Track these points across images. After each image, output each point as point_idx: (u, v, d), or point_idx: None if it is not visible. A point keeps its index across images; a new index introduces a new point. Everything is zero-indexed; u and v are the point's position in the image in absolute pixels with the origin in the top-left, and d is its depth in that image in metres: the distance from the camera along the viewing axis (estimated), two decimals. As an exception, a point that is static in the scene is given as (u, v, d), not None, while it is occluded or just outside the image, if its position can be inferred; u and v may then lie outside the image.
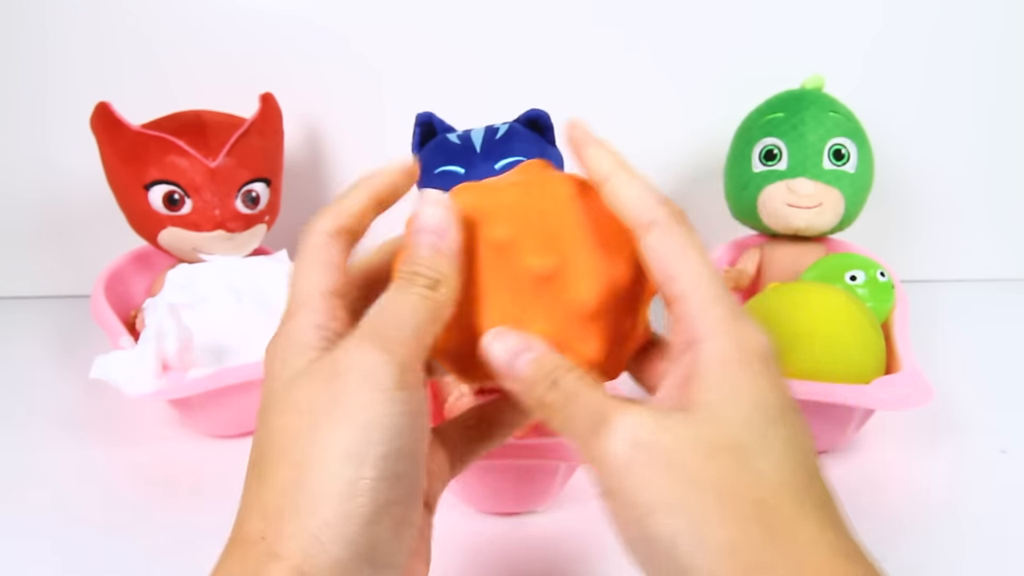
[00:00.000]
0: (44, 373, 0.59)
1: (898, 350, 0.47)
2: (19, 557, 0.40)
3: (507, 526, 0.42)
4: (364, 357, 0.20)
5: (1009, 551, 0.40)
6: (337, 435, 0.19)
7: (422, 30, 0.65)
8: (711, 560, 0.18)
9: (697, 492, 0.18)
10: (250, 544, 0.20)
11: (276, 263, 0.55)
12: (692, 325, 0.20)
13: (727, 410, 0.19)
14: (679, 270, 0.21)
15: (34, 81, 0.65)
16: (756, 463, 0.19)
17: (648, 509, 0.19)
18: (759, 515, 0.18)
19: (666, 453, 0.19)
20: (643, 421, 0.19)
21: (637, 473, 0.19)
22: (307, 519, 0.19)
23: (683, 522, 0.18)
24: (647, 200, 0.22)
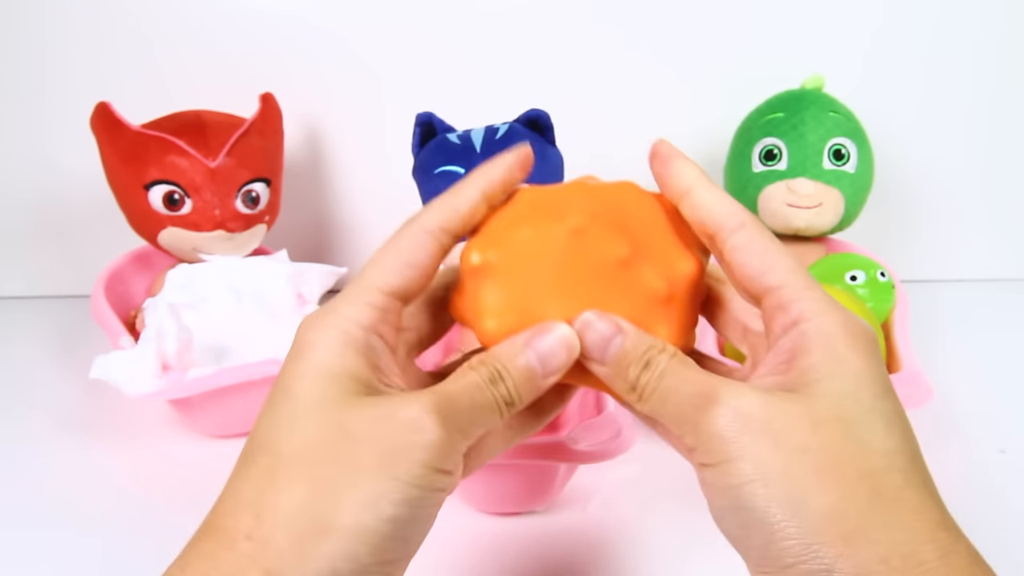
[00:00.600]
0: (44, 373, 0.59)
1: (898, 350, 0.47)
2: (19, 557, 0.40)
3: (507, 526, 0.42)
4: (428, 427, 0.20)
5: (1009, 551, 0.40)
6: (370, 480, 0.19)
7: (422, 30, 0.65)
8: (808, 526, 0.18)
9: (799, 462, 0.19)
10: (229, 539, 0.19)
11: (276, 263, 0.55)
12: (793, 308, 0.21)
13: (833, 384, 0.20)
14: (773, 263, 0.21)
15: (34, 81, 0.65)
16: (862, 434, 0.19)
17: (747, 479, 0.19)
18: (865, 483, 0.19)
19: (772, 426, 0.19)
20: (750, 396, 0.20)
21: (741, 445, 0.19)
22: (307, 542, 0.19)
23: (779, 490, 0.19)
24: (733, 205, 0.22)
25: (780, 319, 0.21)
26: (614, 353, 0.22)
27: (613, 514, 0.43)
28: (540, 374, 0.22)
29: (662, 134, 0.77)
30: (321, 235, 0.73)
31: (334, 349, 0.21)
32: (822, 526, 0.18)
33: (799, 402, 0.20)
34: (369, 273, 0.22)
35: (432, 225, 0.23)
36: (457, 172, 0.45)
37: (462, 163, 0.45)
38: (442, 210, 0.23)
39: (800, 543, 0.18)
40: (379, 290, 0.22)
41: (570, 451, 0.37)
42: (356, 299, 0.22)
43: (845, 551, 0.18)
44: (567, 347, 0.22)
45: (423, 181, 0.48)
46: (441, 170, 0.45)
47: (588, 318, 0.22)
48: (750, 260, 0.22)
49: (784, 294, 0.21)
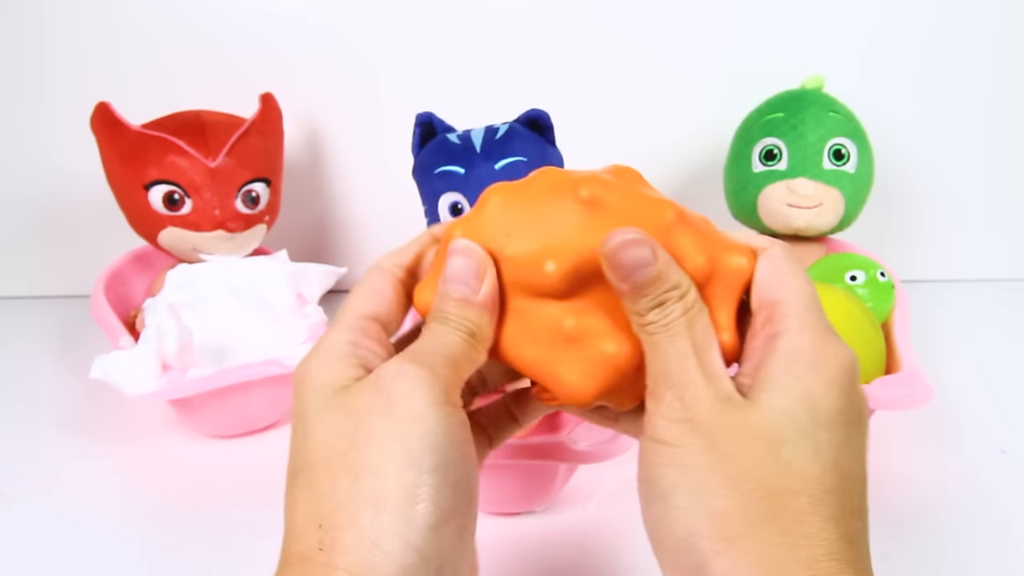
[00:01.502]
0: (44, 373, 0.59)
1: (898, 350, 0.47)
2: (19, 557, 0.40)
3: (507, 526, 0.42)
4: (413, 372, 0.21)
5: (1009, 551, 0.40)
6: (395, 441, 0.20)
7: (422, 30, 0.65)
8: (696, 519, 0.20)
9: (716, 466, 0.20)
10: (305, 559, 0.19)
11: (276, 263, 0.55)
12: (780, 323, 0.22)
13: (780, 399, 0.20)
14: (790, 279, 0.22)
15: (34, 81, 0.65)
16: (788, 455, 0.20)
17: (668, 462, 0.21)
18: (766, 500, 0.19)
19: (711, 430, 0.20)
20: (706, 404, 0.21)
21: (678, 436, 0.21)
22: (368, 527, 0.19)
23: (688, 482, 0.20)
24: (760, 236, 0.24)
25: (767, 329, 0.22)
26: (640, 279, 0.22)
27: (613, 514, 0.43)
28: (470, 292, 0.23)
29: (662, 134, 0.77)
30: (321, 235, 0.73)
31: (325, 365, 0.22)
32: (708, 523, 0.20)
33: (743, 412, 0.20)
34: (343, 309, 0.24)
35: (386, 264, 0.25)
36: (457, 172, 0.45)
37: (462, 163, 0.45)
38: (393, 254, 0.26)
39: (684, 531, 0.20)
40: (354, 316, 0.24)
41: (570, 451, 0.37)
42: (335, 328, 0.24)
43: (722, 551, 0.19)
44: (469, 254, 0.23)
45: (423, 181, 0.48)
46: (441, 170, 0.45)
47: (630, 238, 0.22)
48: (774, 273, 0.23)
49: (781, 309, 0.22)
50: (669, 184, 0.71)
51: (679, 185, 0.71)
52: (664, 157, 0.71)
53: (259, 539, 0.37)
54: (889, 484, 0.45)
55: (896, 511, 0.43)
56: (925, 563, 0.39)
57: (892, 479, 0.46)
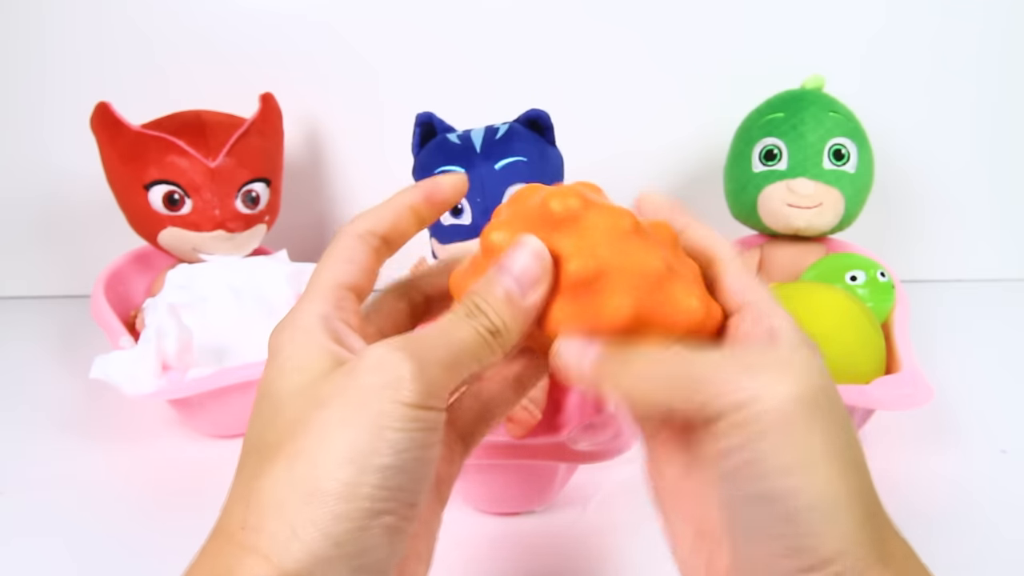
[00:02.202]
0: (44, 373, 0.59)
1: (898, 350, 0.47)
2: (18, 557, 0.40)
3: (507, 526, 0.42)
4: (393, 363, 0.20)
5: (1010, 551, 0.40)
6: (344, 436, 0.19)
7: (422, 30, 0.65)
8: (851, 531, 0.19)
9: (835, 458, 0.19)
10: (227, 534, 0.19)
11: (276, 263, 0.55)
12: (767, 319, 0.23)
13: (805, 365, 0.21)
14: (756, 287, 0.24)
15: (34, 81, 0.65)
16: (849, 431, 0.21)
17: (791, 465, 0.19)
18: (870, 488, 0.20)
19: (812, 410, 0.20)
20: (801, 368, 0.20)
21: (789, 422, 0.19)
22: (292, 515, 0.18)
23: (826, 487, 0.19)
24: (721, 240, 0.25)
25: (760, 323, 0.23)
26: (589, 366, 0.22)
27: (613, 514, 0.43)
28: (519, 294, 0.22)
29: (662, 134, 0.77)
30: (321, 235, 0.73)
31: (299, 341, 0.21)
32: (859, 532, 0.19)
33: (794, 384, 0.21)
34: (315, 276, 0.23)
35: (360, 229, 0.24)
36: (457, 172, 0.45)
37: (462, 163, 0.45)
38: (368, 217, 0.24)
39: (837, 547, 0.18)
40: (327, 286, 0.23)
41: (570, 451, 0.37)
42: (309, 296, 0.23)
43: (868, 558, 0.19)
44: (538, 258, 0.22)
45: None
46: (441, 170, 0.45)
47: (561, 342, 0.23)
48: (739, 281, 0.24)
49: (762, 307, 0.23)
50: (669, 184, 0.71)
51: (679, 185, 0.71)
52: (664, 157, 0.71)
53: (259, 539, 0.38)
54: (889, 484, 0.45)
55: (895, 511, 0.43)
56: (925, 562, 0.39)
57: (892, 479, 0.46)
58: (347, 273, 0.23)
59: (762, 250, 0.59)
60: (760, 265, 0.59)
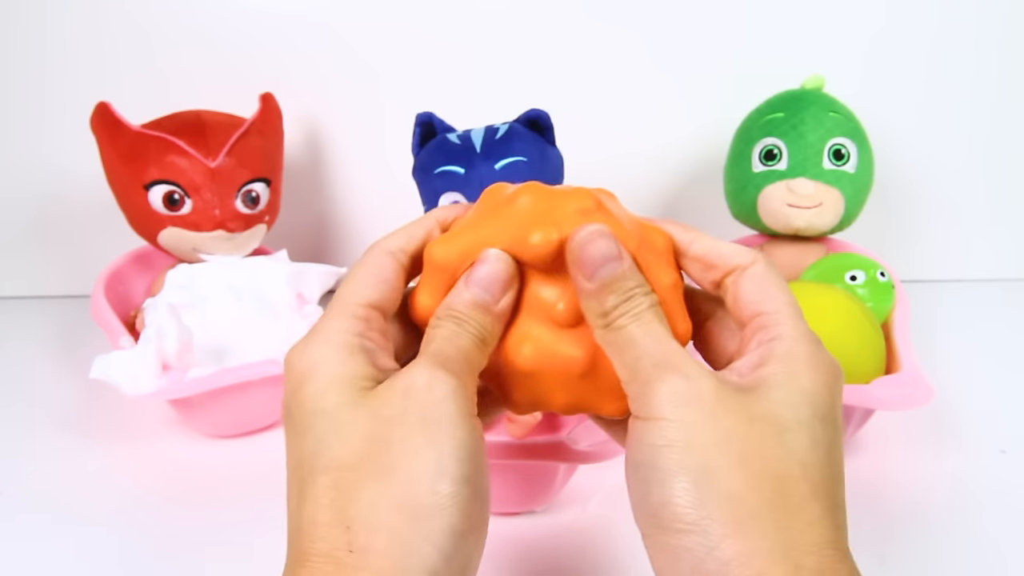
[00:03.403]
0: (44, 373, 0.59)
1: (898, 350, 0.47)
2: (18, 556, 0.40)
3: (507, 526, 0.42)
4: (445, 381, 0.21)
5: (1009, 551, 0.40)
6: (430, 451, 0.20)
7: (422, 30, 0.65)
8: (708, 500, 0.19)
9: (722, 444, 0.20)
10: (332, 559, 0.19)
11: (276, 263, 0.55)
12: (774, 330, 0.22)
13: (780, 392, 0.21)
14: (775, 293, 0.23)
15: (34, 81, 0.65)
16: (789, 441, 0.20)
17: (670, 441, 0.20)
18: (774, 483, 0.20)
19: (713, 408, 0.20)
20: (707, 379, 0.21)
21: (679, 412, 0.20)
22: (402, 532, 0.19)
23: (695, 460, 0.20)
24: (743, 248, 0.25)
25: (760, 336, 0.23)
26: (605, 275, 0.22)
27: (613, 514, 0.43)
28: (491, 301, 0.23)
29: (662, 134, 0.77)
30: (321, 235, 0.73)
31: (337, 359, 0.22)
32: (721, 505, 0.19)
33: (744, 396, 0.21)
34: (344, 292, 0.24)
35: (392, 247, 0.25)
36: (457, 172, 0.45)
37: (462, 163, 0.45)
38: (399, 235, 0.25)
39: (695, 513, 0.19)
40: (357, 304, 0.23)
41: (570, 451, 0.37)
42: (339, 314, 0.23)
43: (733, 534, 0.19)
44: (502, 263, 0.23)
45: (423, 181, 0.48)
46: (441, 170, 0.45)
47: (594, 231, 0.23)
48: (758, 288, 0.23)
49: (772, 318, 0.23)
50: (669, 184, 0.71)
51: (679, 185, 0.71)
52: (664, 157, 0.71)
53: (258, 538, 0.38)
54: (889, 484, 0.45)
55: (895, 511, 0.43)
56: (924, 563, 0.39)
57: (892, 479, 0.46)
58: (376, 292, 0.23)
59: (762, 250, 0.59)
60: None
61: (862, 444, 0.49)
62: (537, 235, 0.23)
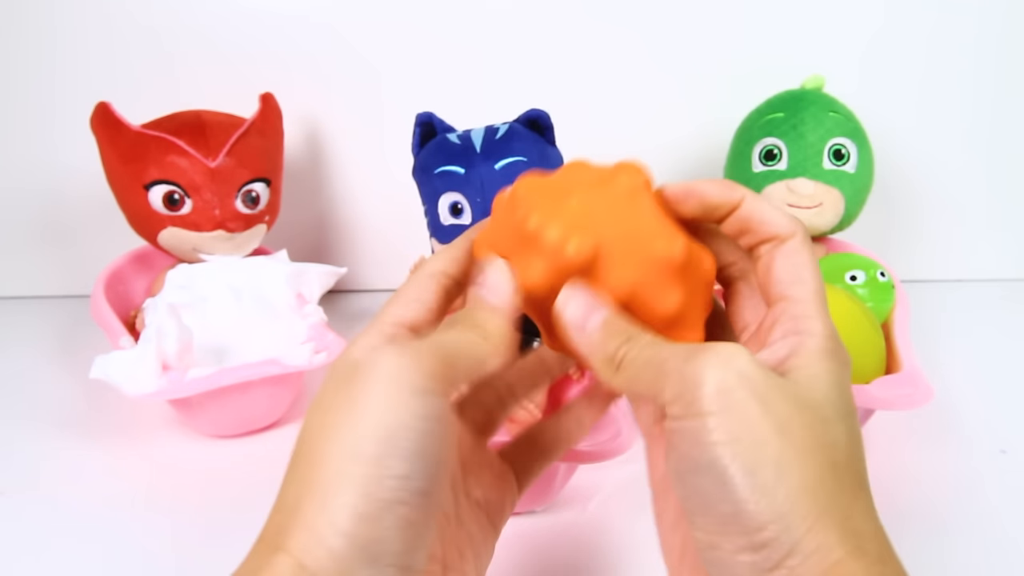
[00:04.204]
0: (44, 373, 0.59)
1: (898, 350, 0.47)
2: (18, 557, 0.40)
3: (507, 526, 0.42)
4: (390, 359, 0.21)
5: (1010, 551, 0.40)
6: (347, 433, 0.20)
7: (422, 30, 0.65)
8: (784, 497, 0.18)
9: (785, 434, 0.19)
10: (265, 540, 0.21)
11: (276, 263, 0.55)
12: (804, 321, 0.22)
13: (819, 384, 0.21)
14: (806, 276, 0.23)
15: (34, 82, 0.65)
16: (833, 431, 0.20)
17: (728, 437, 0.19)
18: (834, 472, 0.19)
19: (762, 391, 0.20)
20: (746, 357, 0.20)
21: (728, 400, 0.19)
22: (308, 514, 0.19)
23: (762, 456, 0.19)
24: (785, 216, 0.24)
25: (787, 325, 0.22)
26: (594, 324, 0.23)
27: (613, 514, 0.43)
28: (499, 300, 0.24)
29: (662, 134, 0.77)
30: (321, 235, 0.73)
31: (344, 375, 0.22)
32: (799, 499, 0.18)
33: (788, 383, 0.21)
34: (380, 312, 0.24)
35: (433, 269, 0.25)
36: (457, 172, 0.45)
37: (462, 163, 0.45)
38: (442, 257, 0.26)
39: (770, 510, 0.18)
40: (387, 322, 0.24)
41: (570, 451, 0.37)
42: (370, 331, 0.24)
43: (814, 527, 0.18)
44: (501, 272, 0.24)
45: (423, 181, 0.48)
46: (441, 170, 0.45)
47: (568, 293, 0.23)
48: (790, 267, 0.23)
49: (800, 308, 0.22)
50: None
51: (679, 185, 0.71)
52: (664, 157, 0.71)
53: (259, 539, 0.38)
54: (889, 484, 0.45)
55: (896, 511, 0.43)
56: (925, 563, 0.39)
57: (892, 479, 0.46)
58: (412, 312, 0.24)
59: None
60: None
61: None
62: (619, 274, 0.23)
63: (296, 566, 0.19)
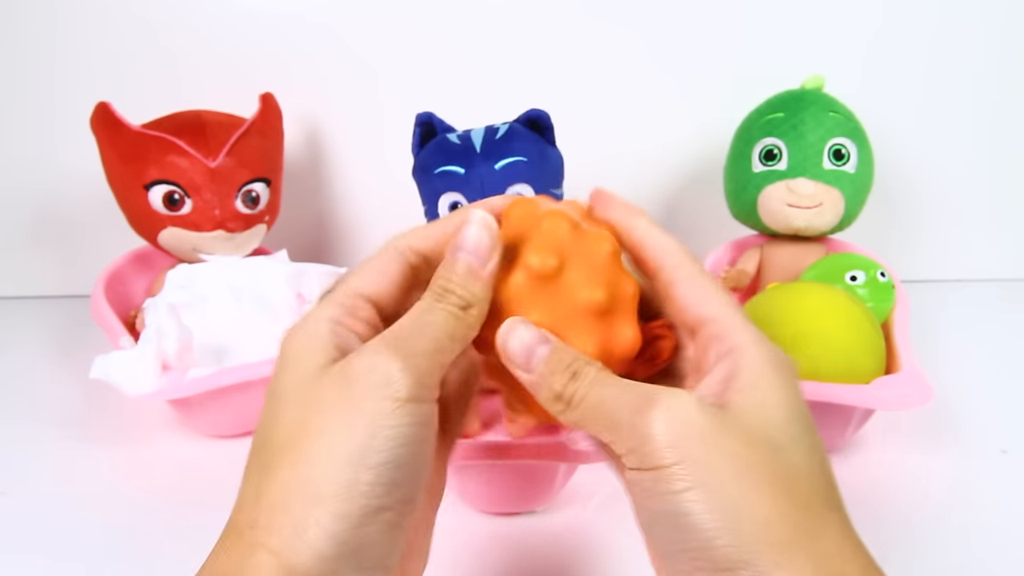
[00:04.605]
0: (44, 373, 0.59)
1: (898, 350, 0.47)
2: (18, 557, 0.40)
3: (507, 526, 0.42)
4: (381, 364, 0.21)
5: (1010, 551, 0.40)
6: (343, 437, 0.20)
7: (422, 30, 0.65)
8: (747, 534, 0.19)
9: (736, 472, 0.19)
10: (238, 532, 0.20)
11: (276, 263, 0.55)
12: (729, 338, 0.22)
13: (764, 408, 0.21)
14: (712, 296, 0.23)
15: (34, 82, 0.65)
16: (790, 456, 0.20)
17: (686, 485, 0.19)
18: (793, 499, 0.19)
19: (710, 434, 0.20)
20: (689, 403, 0.21)
21: (681, 451, 0.20)
22: (297, 514, 0.19)
23: (719, 498, 0.19)
24: (673, 244, 0.24)
25: (716, 348, 0.22)
26: (539, 359, 0.22)
27: (613, 514, 0.43)
28: (477, 264, 0.23)
29: (662, 134, 0.77)
30: (321, 235, 0.73)
31: (303, 343, 0.22)
32: (760, 535, 0.19)
33: (735, 417, 0.21)
34: (341, 282, 0.24)
35: (403, 244, 0.25)
36: (457, 172, 0.45)
37: (462, 163, 0.45)
38: (415, 234, 0.25)
39: (738, 550, 0.19)
40: (346, 292, 0.23)
41: (570, 451, 0.37)
42: (326, 302, 0.23)
43: (780, 560, 0.19)
44: (486, 227, 0.23)
45: (423, 181, 0.48)
46: (441, 170, 0.45)
47: (511, 324, 0.23)
48: (692, 291, 0.23)
49: (721, 326, 0.22)
50: (669, 184, 0.71)
51: (679, 185, 0.71)
52: (664, 157, 0.71)
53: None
54: (889, 484, 0.45)
55: (896, 511, 0.43)
56: (925, 563, 0.39)
57: (892, 479, 0.46)
58: (372, 284, 0.24)
59: (762, 250, 0.59)
60: (760, 265, 0.59)
61: (862, 444, 0.49)
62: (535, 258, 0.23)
63: (282, 567, 0.19)
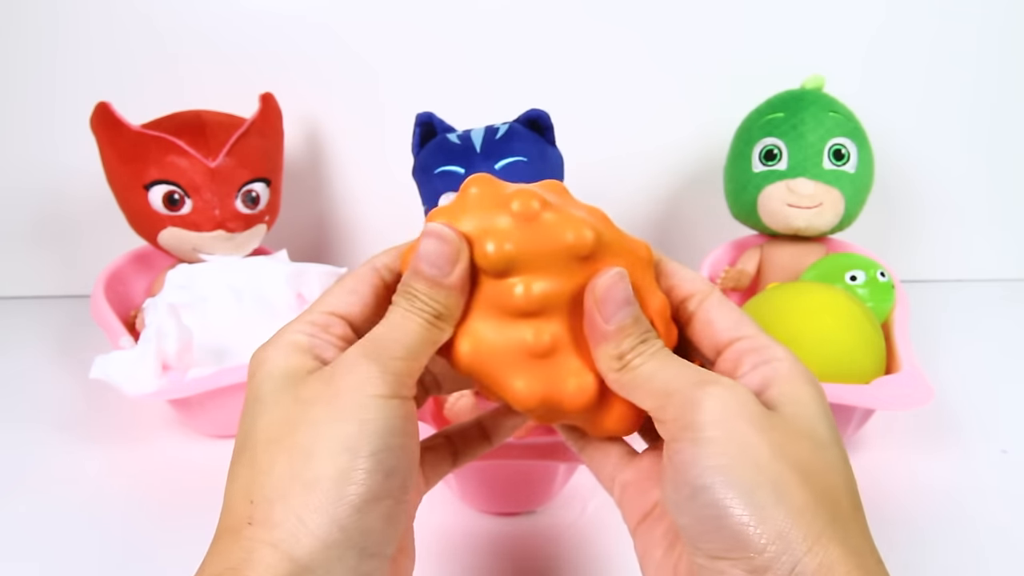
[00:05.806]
0: (44, 373, 0.59)
1: (898, 350, 0.47)
2: (18, 557, 0.40)
3: (507, 526, 0.42)
4: (361, 368, 0.22)
5: (1010, 551, 0.40)
6: (335, 427, 0.21)
7: (422, 30, 0.65)
8: (786, 517, 0.19)
9: (781, 459, 0.20)
10: (234, 531, 0.20)
11: (276, 263, 0.55)
12: (766, 351, 0.23)
13: (806, 411, 0.22)
14: (746, 320, 0.24)
15: (34, 82, 0.65)
16: (828, 456, 0.21)
17: (731, 460, 0.20)
18: (829, 495, 0.20)
19: (760, 421, 0.21)
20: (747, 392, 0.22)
21: (731, 427, 0.20)
22: (297, 504, 0.20)
23: (763, 478, 0.19)
24: (698, 276, 0.26)
25: (752, 358, 0.23)
26: (621, 319, 0.23)
27: (613, 514, 0.42)
28: (440, 274, 0.23)
29: (662, 134, 0.77)
30: (321, 235, 0.73)
31: (281, 354, 0.23)
32: (798, 519, 0.19)
33: (781, 413, 0.22)
34: (317, 301, 0.25)
35: (379, 263, 0.25)
36: (457, 172, 0.45)
37: (462, 163, 0.45)
38: (392, 252, 0.26)
39: (771, 532, 0.19)
40: (319, 311, 0.24)
41: (570, 451, 0.37)
42: (300, 319, 0.24)
43: (814, 547, 0.19)
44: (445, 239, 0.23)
45: (423, 181, 0.48)
46: (441, 170, 0.45)
47: (616, 274, 0.23)
48: (723, 314, 0.25)
49: (756, 341, 0.24)
50: (669, 184, 0.71)
51: (679, 185, 0.71)
52: (664, 157, 0.71)
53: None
54: (889, 484, 0.45)
55: (896, 511, 0.43)
56: (925, 563, 0.39)
57: (892, 479, 0.46)
58: (345, 303, 0.24)
59: (762, 250, 0.59)
60: (760, 265, 0.59)
61: (862, 444, 0.49)
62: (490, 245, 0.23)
63: (284, 558, 0.19)
